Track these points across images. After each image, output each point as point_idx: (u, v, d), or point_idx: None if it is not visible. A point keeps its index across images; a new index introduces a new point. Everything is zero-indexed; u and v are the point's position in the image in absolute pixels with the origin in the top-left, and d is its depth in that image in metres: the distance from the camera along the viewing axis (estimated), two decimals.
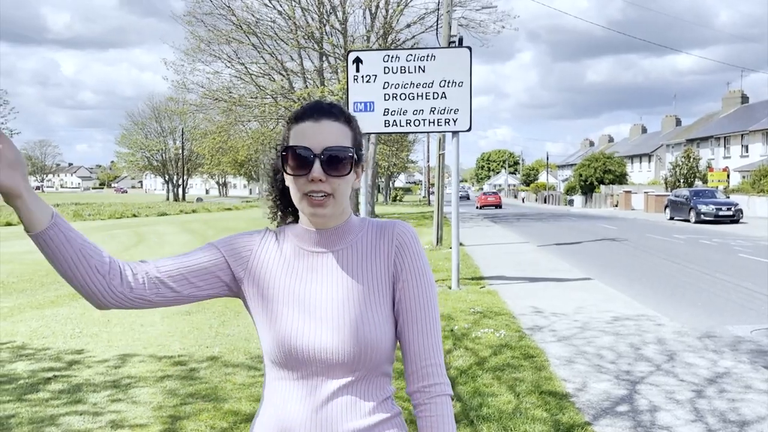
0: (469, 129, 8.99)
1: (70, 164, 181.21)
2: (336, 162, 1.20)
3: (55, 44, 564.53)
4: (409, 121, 9.05)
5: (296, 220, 1.34)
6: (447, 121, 9.02)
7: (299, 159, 1.19)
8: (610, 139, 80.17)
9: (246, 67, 27.44)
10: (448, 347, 5.77)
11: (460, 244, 15.91)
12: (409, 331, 1.25)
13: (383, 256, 1.27)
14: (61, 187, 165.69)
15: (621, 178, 49.08)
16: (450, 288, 9.15)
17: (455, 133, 9.27)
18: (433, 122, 9.04)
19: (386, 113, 9.04)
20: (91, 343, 5.97)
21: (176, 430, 3.84)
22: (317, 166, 1.18)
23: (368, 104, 9.06)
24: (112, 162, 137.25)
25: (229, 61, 27.30)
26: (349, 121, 1.27)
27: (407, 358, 1.26)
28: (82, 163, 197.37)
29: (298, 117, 1.24)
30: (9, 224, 26.37)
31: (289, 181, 1.24)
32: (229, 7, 26.00)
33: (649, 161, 59.69)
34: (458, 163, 9.46)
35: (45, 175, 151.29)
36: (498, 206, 46.10)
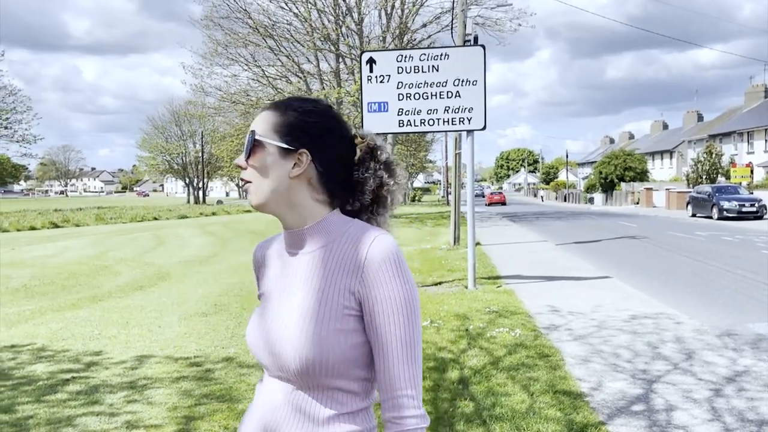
0: (484, 128, 8.95)
1: (93, 168, 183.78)
2: (248, 146, 1.22)
3: (77, 50, 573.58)
4: (423, 121, 9.04)
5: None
6: (461, 120, 8.99)
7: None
8: (631, 136, 79.30)
9: (263, 70, 27.63)
10: (462, 347, 5.75)
11: (478, 244, 15.88)
12: (379, 359, 1.17)
13: (349, 271, 1.19)
14: (84, 191, 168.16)
15: (642, 176, 48.51)
16: (466, 288, 9.12)
17: (470, 132, 9.24)
18: (448, 121, 9.01)
19: (400, 113, 9.03)
20: (109, 345, 6.05)
21: (190, 430, 3.87)
22: (243, 153, 1.23)
23: (382, 104, 9.06)
24: (134, 166, 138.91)
25: (247, 64, 27.50)
26: (286, 110, 1.24)
27: (379, 385, 1.20)
28: (105, 167, 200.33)
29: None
30: (33, 228, 26.84)
31: None
32: (245, 10, 26.19)
33: (671, 158, 58.95)
34: (473, 161, 9.43)
35: (69, 180, 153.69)
36: (503, 203, 54.19)
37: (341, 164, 1.26)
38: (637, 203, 44.45)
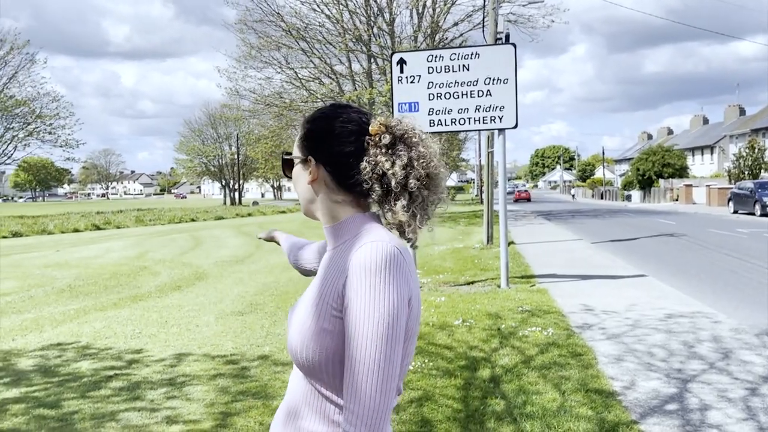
0: (515, 126, 8.93)
1: (133, 171, 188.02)
2: (283, 167, 1.41)
3: (116, 56, 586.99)
4: (454, 120, 9.06)
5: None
6: (492, 118, 8.98)
7: None
8: (670, 132, 77.58)
9: (296, 72, 27.90)
10: (494, 346, 5.77)
11: (512, 243, 15.80)
12: (345, 363, 1.14)
13: (339, 273, 1.20)
14: (125, 193, 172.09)
15: (681, 172, 47.46)
16: (499, 287, 9.10)
17: (501, 130, 9.22)
18: (479, 120, 9.01)
19: (431, 113, 9.07)
20: (149, 343, 6.24)
21: (227, 426, 3.99)
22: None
23: (413, 104, 9.12)
24: (172, 168, 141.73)
25: (280, 67, 27.81)
26: (307, 123, 1.33)
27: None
28: (144, 170, 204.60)
29: None
30: (76, 230, 27.64)
31: None
32: (278, 13, 26.51)
33: (711, 153, 57.49)
34: (505, 160, 9.40)
35: (110, 183, 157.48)
36: (528, 199, 59.41)
37: (346, 161, 1.25)
38: (676, 200, 43.51)
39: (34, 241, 21.73)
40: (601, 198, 61.37)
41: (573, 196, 71.17)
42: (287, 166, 1.39)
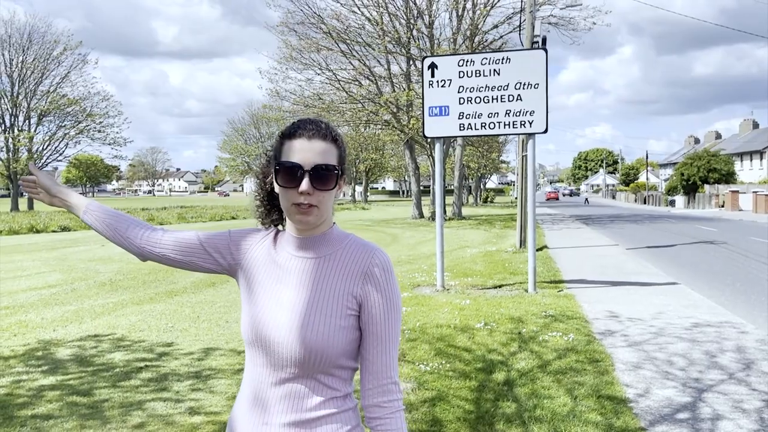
0: (545, 131, 8.93)
1: (178, 169, 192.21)
2: (323, 178, 1.36)
3: (165, 56, 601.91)
4: (484, 124, 9.12)
5: (281, 218, 1.54)
6: (522, 123, 9.01)
7: (291, 174, 1.35)
8: (718, 136, 75.48)
9: (335, 74, 28.22)
10: (513, 349, 5.84)
11: (545, 247, 15.71)
12: (373, 351, 1.40)
13: (352, 277, 1.41)
14: (170, 191, 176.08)
15: (728, 177, 46.13)
16: (526, 291, 9.12)
17: (531, 135, 9.24)
18: (509, 125, 9.05)
19: (461, 117, 9.15)
20: (180, 337, 6.50)
21: None
22: (306, 181, 1.34)
23: (443, 108, 9.21)
24: (216, 167, 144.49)
25: (320, 69, 28.17)
26: (336, 139, 1.40)
27: (369, 374, 1.40)
28: (189, 168, 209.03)
29: (292, 134, 1.38)
30: None
31: (279, 189, 1.40)
32: (319, 15, 26.88)
33: (761, 158, 55.68)
34: (534, 164, 9.42)
35: (156, 180, 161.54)
36: (556, 199, 75.50)
37: (348, 173, 1.49)
38: (722, 206, 42.33)
39: (81, 236, 22.54)
40: (644, 203, 60.12)
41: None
42: (334, 179, 1.39)
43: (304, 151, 1.36)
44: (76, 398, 4.59)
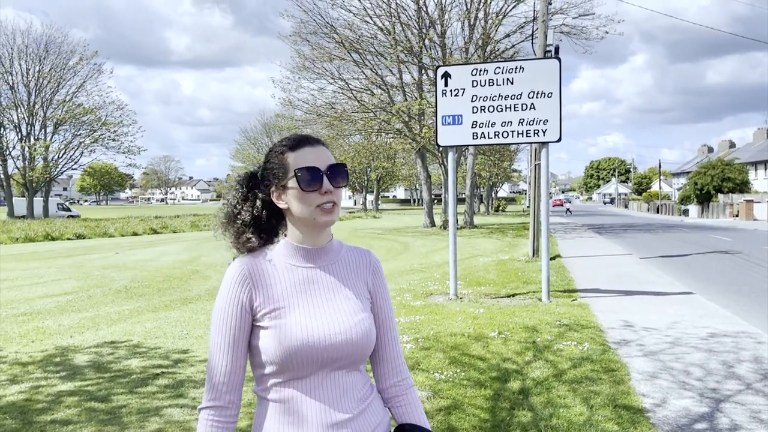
0: (559, 140, 8.93)
1: (191, 178, 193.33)
2: (340, 175, 1.47)
3: (177, 65, 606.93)
4: (497, 133, 9.13)
5: (269, 241, 1.55)
6: (536, 132, 9.02)
7: (311, 176, 1.43)
8: (731, 145, 74.96)
9: (347, 83, 28.35)
10: (527, 358, 5.82)
11: (558, 256, 15.65)
12: (386, 336, 1.59)
13: (362, 275, 1.57)
14: (183, 199, 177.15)
15: (742, 186, 45.76)
16: (540, 300, 9.09)
17: (544, 144, 9.24)
18: (522, 133, 9.06)
19: (474, 126, 9.17)
20: (195, 344, 6.54)
21: None
22: (326, 180, 1.44)
23: (456, 117, 9.24)
24: (228, 175, 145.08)
25: (332, 78, 28.31)
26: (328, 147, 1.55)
27: (383, 358, 1.59)
28: (201, 176, 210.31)
29: (296, 146, 1.47)
30: (135, 234, 28.73)
31: (298, 196, 1.44)
32: (332, 25, 27.04)
33: None
34: (548, 173, 9.41)
35: (169, 188, 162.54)
36: (561, 205, 75.06)
37: None
38: (736, 216, 41.97)
39: (96, 243, 22.75)
40: (657, 212, 59.73)
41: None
42: (346, 175, 1.49)
43: (317, 156, 1.46)
44: (94, 404, 4.63)
